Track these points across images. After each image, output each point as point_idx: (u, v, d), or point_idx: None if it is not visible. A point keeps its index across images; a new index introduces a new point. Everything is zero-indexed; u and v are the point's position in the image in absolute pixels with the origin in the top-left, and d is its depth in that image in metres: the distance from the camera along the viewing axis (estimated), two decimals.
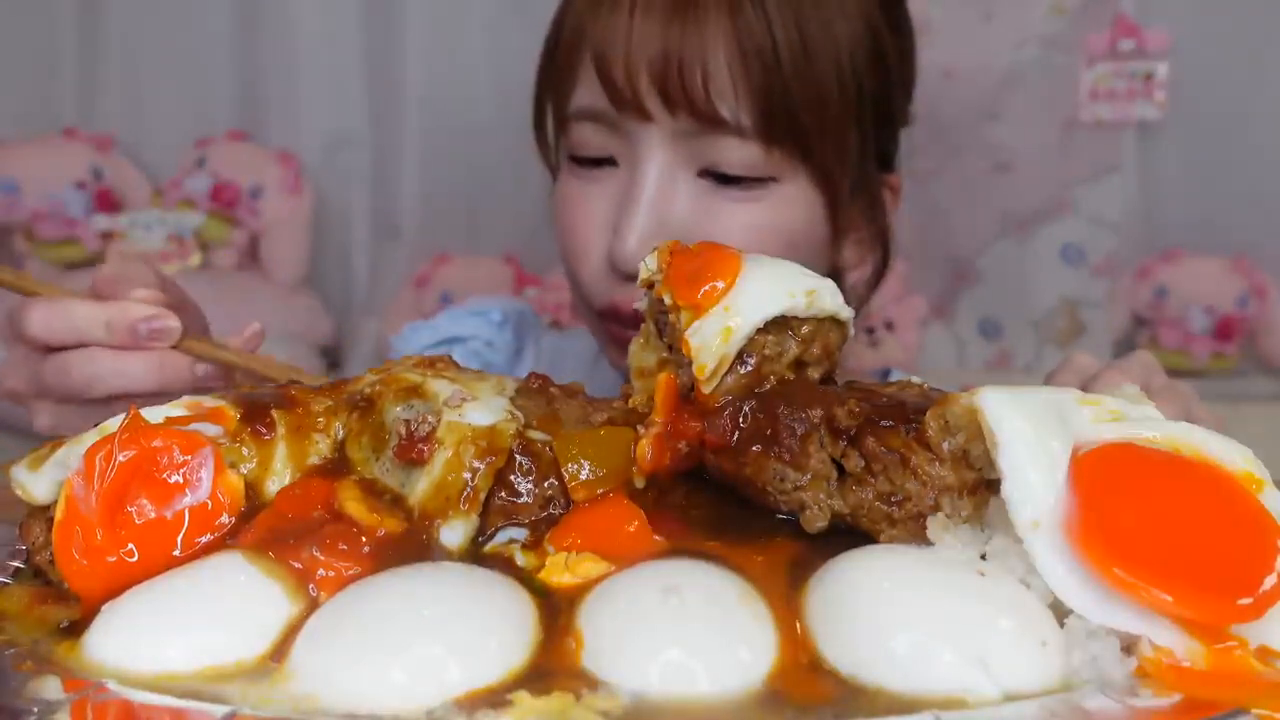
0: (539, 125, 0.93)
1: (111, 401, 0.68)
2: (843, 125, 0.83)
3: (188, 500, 0.47)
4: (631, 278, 0.82)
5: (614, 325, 0.88)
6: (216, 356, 0.71)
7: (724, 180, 0.82)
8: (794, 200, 0.84)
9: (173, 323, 0.68)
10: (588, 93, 0.82)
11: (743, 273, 0.52)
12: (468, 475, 0.48)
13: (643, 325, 0.58)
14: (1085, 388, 0.72)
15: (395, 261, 2.15)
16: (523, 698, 0.37)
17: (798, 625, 0.41)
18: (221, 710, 0.36)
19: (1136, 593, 0.38)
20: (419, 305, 2.07)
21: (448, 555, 0.47)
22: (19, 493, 0.49)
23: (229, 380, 0.72)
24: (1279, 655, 0.38)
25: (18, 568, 0.50)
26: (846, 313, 0.54)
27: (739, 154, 0.80)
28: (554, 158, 0.94)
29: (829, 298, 0.53)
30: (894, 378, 0.96)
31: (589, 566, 0.44)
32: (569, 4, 0.86)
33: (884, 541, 0.45)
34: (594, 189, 0.85)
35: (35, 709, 0.36)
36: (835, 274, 0.93)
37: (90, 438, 0.48)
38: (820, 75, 0.80)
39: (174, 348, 0.69)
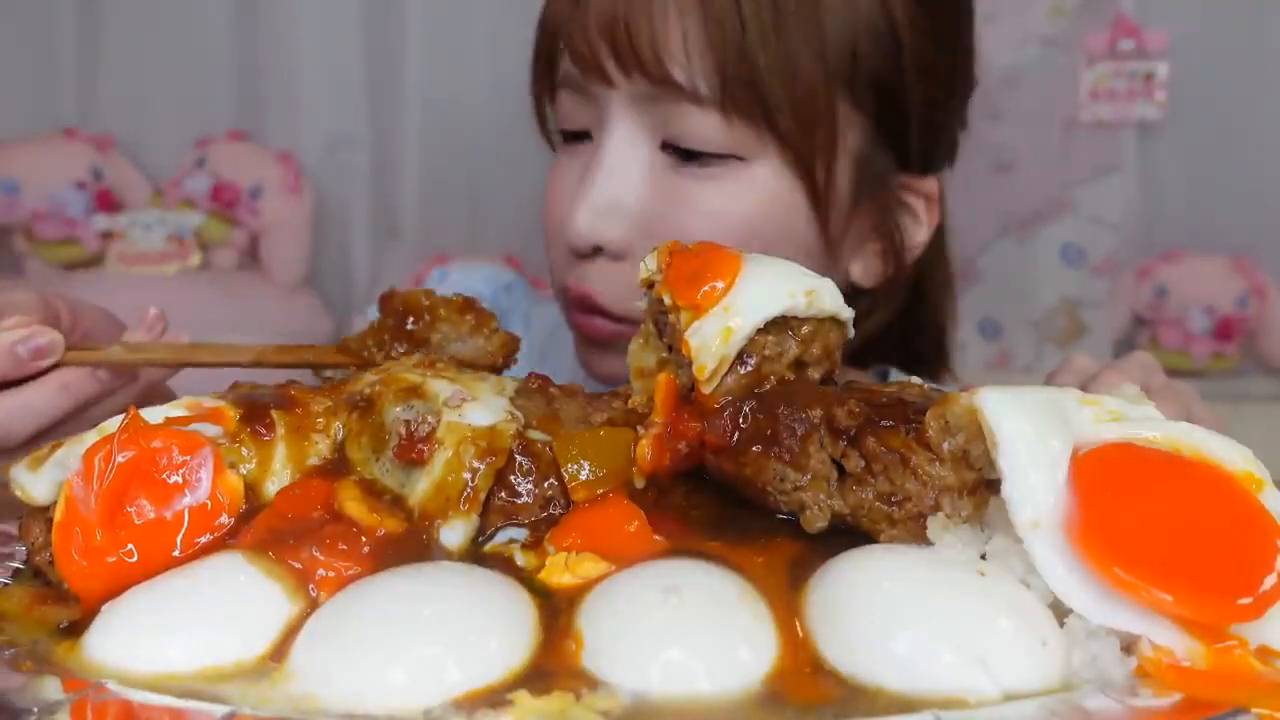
0: (539, 110, 0.90)
1: (34, 442, 0.64)
2: (823, 104, 0.75)
3: (187, 500, 0.47)
4: (581, 256, 0.79)
5: (569, 311, 0.84)
6: (105, 359, 0.67)
7: (685, 156, 0.76)
8: (763, 186, 0.76)
9: (49, 336, 0.64)
10: (566, 61, 0.80)
11: (743, 273, 0.52)
12: (468, 475, 0.48)
13: (643, 325, 0.58)
14: (1084, 389, 0.72)
15: (395, 261, 2.15)
16: (522, 698, 0.37)
17: (798, 625, 0.41)
18: (221, 710, 0.36)
19: (1136, 593, 0.38)
20: None
21: (448, 555, 0.47)
22: (18, 493, 0.49)
23: (134, 377, 0.70)
24: (1279, 655, 0.38)
25: (18, 568, 0.50)
26: (847, 313, 0.54)
27: (698, 124, 0.74)
28: (551, 138, 0.90)
29: (829, 298, 0.53)
30: (893, 378, 0.96)
31: (589, 566, 0.44)
32: None
33: (884, 541, 0.45)
34: (570, 164, 0.82)
35: (35, 709, 0.36)
36: (848, 293, 0.89)
37: (90, 438, 0.48)
38: (792, 43, 0.73)
39: (61, 363, 0.65)
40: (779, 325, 0.52)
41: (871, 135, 0.80)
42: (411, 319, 0.68)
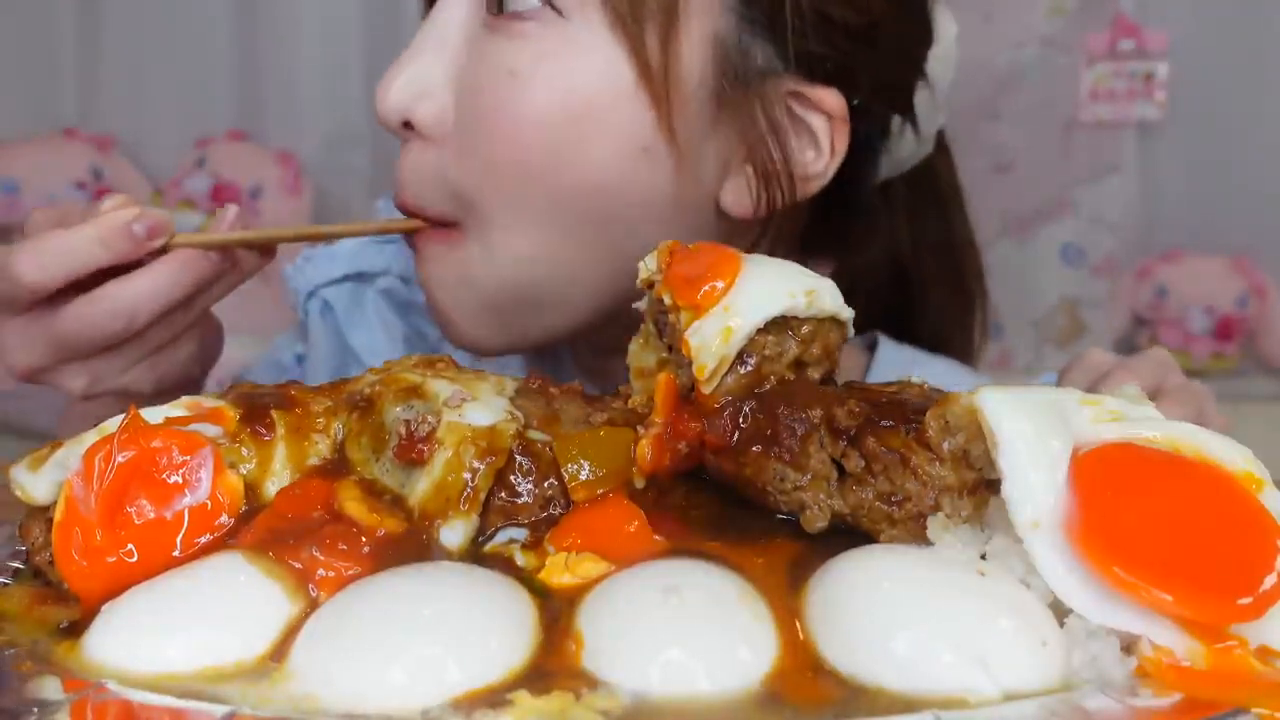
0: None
1: (150, 333, 0.65)
2: None
3: (187, 501, 0.47)
4: (395, 134, 0.71)
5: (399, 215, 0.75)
6: (215, 241, 0.67)
7: (502, 15, 0.66)
8: (582, 46, 0.65)
9: (161, 215, 0.64)
10: None
11: (742, 273, 0.52)
12: (468, 475, 0.48)
13: (642, 325, 0.58)
14: (1097, 384, 0.71)
15: None
16: (522, 697, 0.37)
17: (798, 625, 0.41)
18: (221, 710, 0.36)
19: (1136, 592, 0.38)
20: None
21: (448, 555, 0.47)
22: (18, 493, 0.49)
23: (235, 264, 0.70)
24: (1279, 655, 0.38)
25: (18, 568, 0.50)
26: (847, 313, 0.54)
27: None
28: None
29: (829, 298, 0.53)
30: (882, 347, 0.93)
31: (589, 566, 0.44)
32: None
33: (884, 541, 0.45)
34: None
35: (35, 709, 0.36)
36: (715, 219, 0.72)
37: (90, 438, 0.48)
38: None
39: (169, 246, 0.65)
40: (779, 325, 0.52)
41: (739, 17, 0.66)
42: None
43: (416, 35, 0.70)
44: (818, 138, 0.70)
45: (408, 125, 0.70)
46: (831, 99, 0.69)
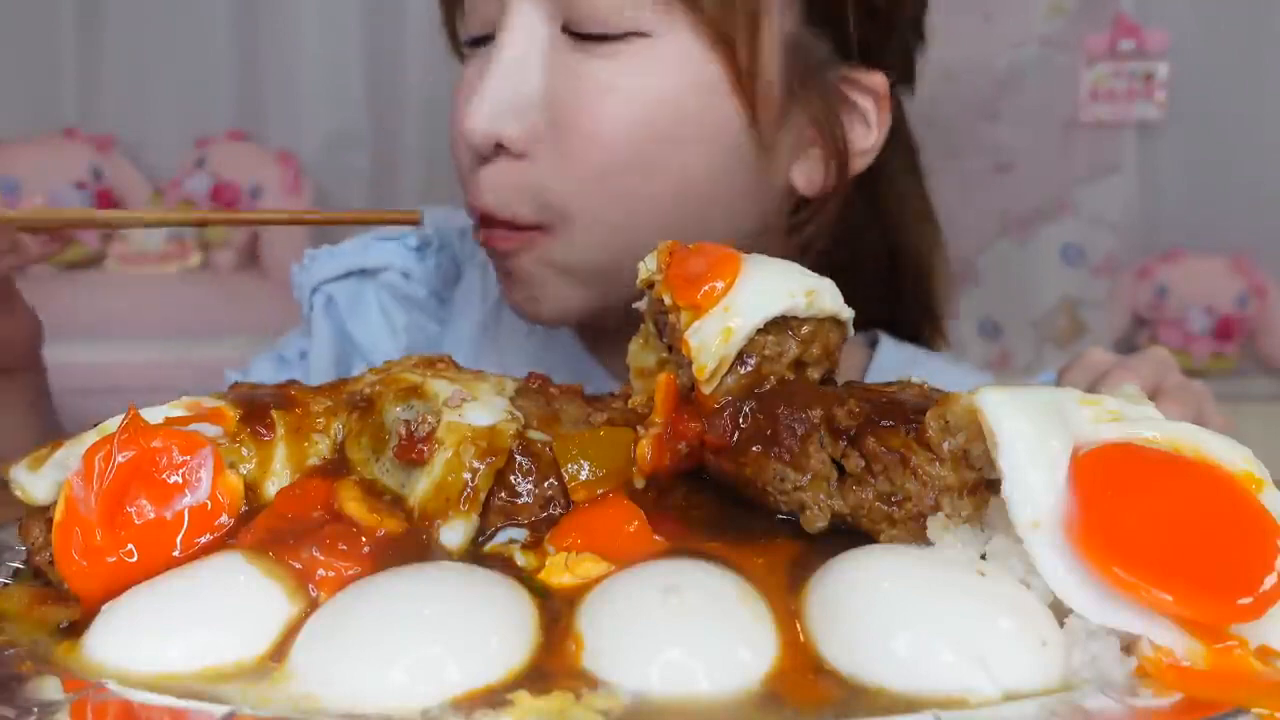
0: (451, 26, 0.84)
1: None
2: None
3: (187, 501, 0.47)
4: (483, 158, 0.73)
5: (478, 236, 0.78)
6: (13, 217, 0.69)
7: (588, 39, 0.70)
8: (673, 61, 0.69)
9: None
10: None
11: (742, 273, 0.52)
12: (468, 475, 0.48)
13: (642, 325, 0.58)
14: (1097, 383, 0.71)
15: None
16: (522, 697, 0.37)
17: (798, 625, 0.41)
18: (221, 710, 0.36)
19: (1136, 593, 0.38)
20: None
21: (448, 555, 0.47)
22: (18, 493, 0.49)
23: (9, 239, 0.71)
24: (1279, 655, 0.38)
25: (18, 568, 0.50)
26: (847, 313, 0.54)
27: (596, 1, 0.68)
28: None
29: (829, 298, 0.53)
30: (883, 346, 0.94)
31: (589, 566, 0.44)
32: None
33: (884, 541, 0.45)
34: (470, 71, 0.76)
35: (35, 709, 0.36)
36: (791, 204, 0.79)
37: (90, 438, 0.48)
38: None
39: None
40: (779, 325, 0.52)
41: (803, 16, 0.73)
42: None
43: (490, 60, 0.72)
44: (867, 116, 0.77)
45: (498, 146, 0.72)
46: (877, 80, 0.76)
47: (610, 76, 0.69)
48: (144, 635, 0.41)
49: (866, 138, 0.78)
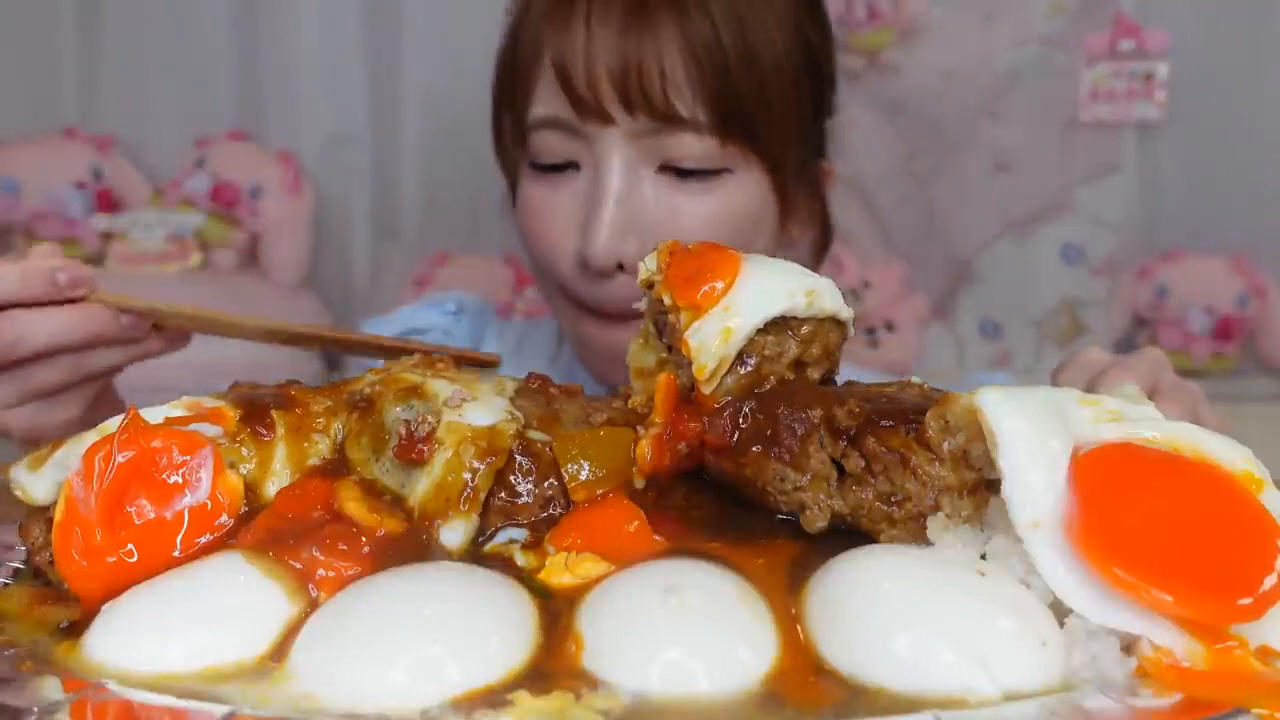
0: (499, 138, 0.98)
1: (44, 360, 0.69)
2: (787, 118, 0.89)
3: (187, 500, 0.47)
4: (603, 275, 0.87)
5: (592, 323, 0.92)
6: (134, 305, 0.71)
7: (682, 174, 0.86)
8: (746, 189, 0.89)
9: (84, 270, 0.69)
10: (548, 101, 0.86)
11: (742, 273, 0.52)
12: (468, 475, 0.48)
13: (642, 325, 0.58)
14: (1093, 383, 0.72)
15: (395, 261, 2.15)
16: (522, 697, 0.37)
17: (798, 625, 0.41)
18: (221, 710, 0.36)
19: (1136, 593, 0.38)
20: None
21: (448, 555, 0.47)
22: (19, 493, 0.49)
23: (146, 331, 0.74)
24: (1279, 655, 0.38)
25: (18, 568, 0.50)
26: (846, 313, 0.54)
27: (696, 148, 0.85)
28: (514, 167, 0.97)
29: (829, 298, 0.53)
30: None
31: (589, 566, 0.44)
32: (524, 19, 0.90)
33: (884, 541, 0.45)
34: (559, 194, 0.89)
35: (35, 709, 0.36)
36: (782, 249, 1.02)
37: (90, 438, 0.48)
38: (764, 74, 0.86)
39: (89, 299, 0.70)
40: (779, 325, 0.52)
41: (805, 133, 0.94)
42: None
43: (592, 191, 0.86)
44: (823, 187, 1.03)
45: (619, 265, 0.86)
46: (829, 165, 1.04)
47: (709, 208, 0.87)
48: (144, 635, 0.41)
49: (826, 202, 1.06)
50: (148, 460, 0.46)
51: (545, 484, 0.50)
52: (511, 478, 0.49)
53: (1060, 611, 0.40)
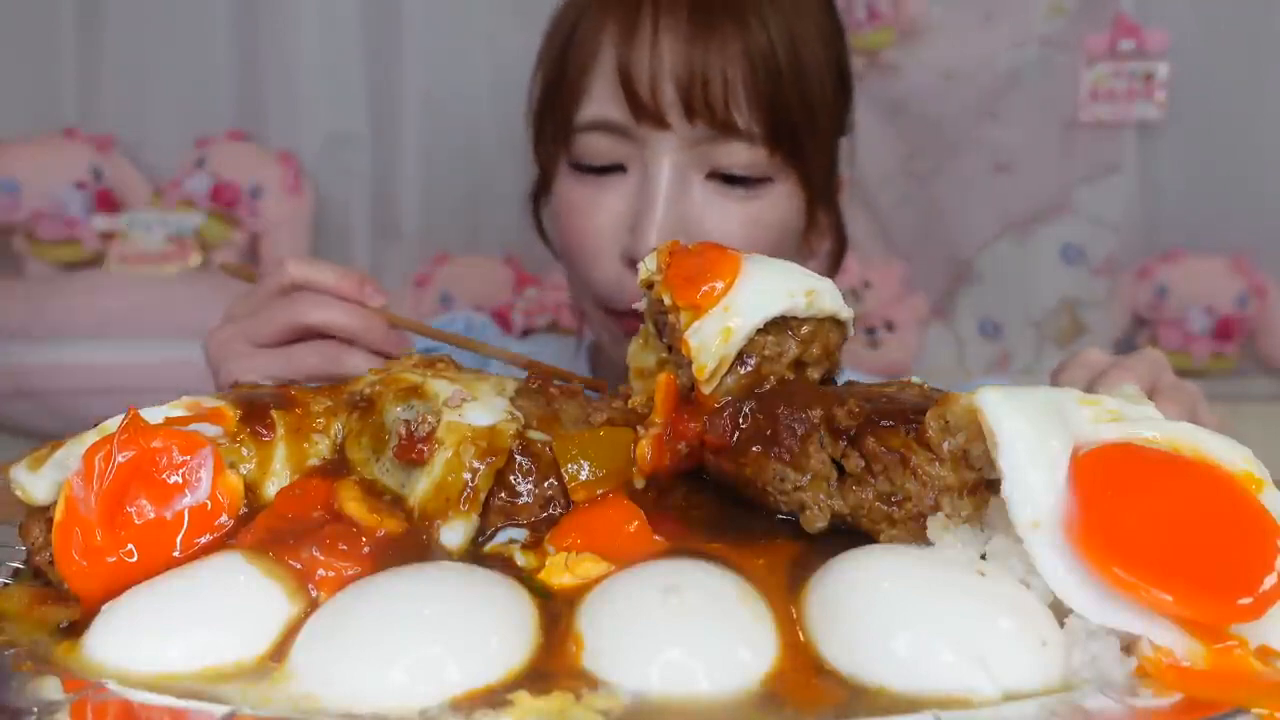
0: (539, 137, 0.98)
1: (312, 345, 0.77)
2: (826, 131, 0.94)
3: (187, 501, 0.47)
4: None
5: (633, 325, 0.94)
6: (411, 325, 0.80)
7: (729, 181, 0.89)
8: (785, 198, 0.93)
9: (382, 294, 0.80)
10: (601, 104, 0.88)
11: (742, 273, 0.52)
12: (468, 475, 0.48)
13: (642, 326, 0.58)
14: (1093, 383, 0.72)
15: (395, 261, 2.15)
16: (522, 697, 0.37)
17: (798, 625, 0.41)
18: (221, 710, 0.36)
19: (1136, 593, 0.38)
20: (419, 305, 2.07)
21: (448, 555, 0.47)
22: (19, 493, 0.49)
23: (399, 349, 0.80)
24: (1279, 655, 0.38)
25: (18, 568, 0.50)
26: (846, 313, 0.54)
27: (746, 157, 0.88)
28: (552, 166, 0.97)
29: (829, 298, 0.53)
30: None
31: (589, 566, 0.44)
32: (579, 22, 0.91)
33: (884, 541, 0.45)
34: (605, 194, 0.91)
35: (35, 709, 0.36)
36: (802, 259, 1.05)
37: (90, 438, 0.48)
38: (810, 87, 0.90)
39: (376, 312, 0.78)
40: (779, 325, 0.52)
41: (834, 147, 0.99)
42: None
43: (642, 192, 0.89)
44: (839, 200, 1.08)
45: None
46: (841, 177, 1.06)
47: (751, 214, 0.91)
48: (144, 635, 0.41)
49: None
50: (148, 460, 0.46)
51: (545, 484, 0.50)
52: (511, 478, 0.49)
53: (1060, 611, 0.40)
